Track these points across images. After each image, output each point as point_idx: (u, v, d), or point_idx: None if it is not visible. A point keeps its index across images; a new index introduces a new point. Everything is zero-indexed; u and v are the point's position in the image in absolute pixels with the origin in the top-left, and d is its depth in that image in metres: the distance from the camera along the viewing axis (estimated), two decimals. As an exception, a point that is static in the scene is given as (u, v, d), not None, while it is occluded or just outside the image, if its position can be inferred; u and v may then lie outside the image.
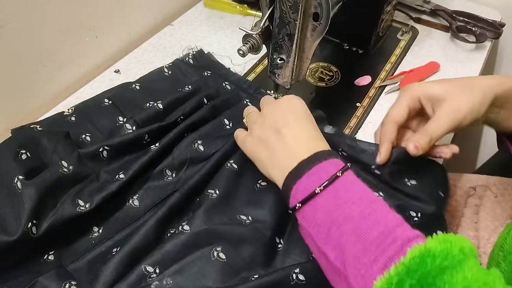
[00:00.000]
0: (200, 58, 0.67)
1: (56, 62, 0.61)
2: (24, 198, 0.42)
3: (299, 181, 0.40)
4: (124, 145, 0.51)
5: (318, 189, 0.39)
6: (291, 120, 0.45)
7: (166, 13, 0.78)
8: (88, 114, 0.56)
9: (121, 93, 0.59)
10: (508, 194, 0.60)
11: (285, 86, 0.55)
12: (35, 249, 0.44)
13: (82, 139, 0.53)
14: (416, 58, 0.71)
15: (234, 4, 0.80)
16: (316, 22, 0.47)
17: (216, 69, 0.66)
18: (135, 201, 0.49)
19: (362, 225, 0.36)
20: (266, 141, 0.45)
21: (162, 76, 0.63)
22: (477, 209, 0.60)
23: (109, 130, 0.54)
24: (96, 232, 0.46)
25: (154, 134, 0.53)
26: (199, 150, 0.52)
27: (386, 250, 0.33)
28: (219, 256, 0.43)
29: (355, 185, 0.40)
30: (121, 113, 0.56)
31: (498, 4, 0.81)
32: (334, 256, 0.37)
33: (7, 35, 0.52)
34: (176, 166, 0.51)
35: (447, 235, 0.34)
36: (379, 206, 0.38)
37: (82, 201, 0.45)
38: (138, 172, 0.49)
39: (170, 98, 0.57)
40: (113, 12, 0.66)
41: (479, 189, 0.62)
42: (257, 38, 0.50)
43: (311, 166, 0.40)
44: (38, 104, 0.60)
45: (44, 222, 0.43)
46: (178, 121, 0.55)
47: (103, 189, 0.46)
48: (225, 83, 0.63)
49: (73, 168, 0.47)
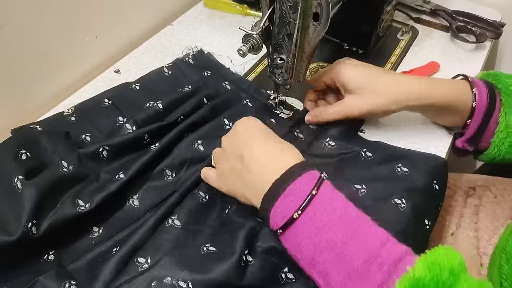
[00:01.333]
0: (200, 58, 0.67)
1: (56, 62, 0.61)
2: (24, 198, 0.42)
3: (275, 205, 0.39)
4: (124, 145, 0.51)
5: (296, 213, 0.38)
6: (250, 142, 0.44)
7: (166, 13, 0.78)
8: (88, 114, 0.56)
9: (121, 93, 0.59)
10: (507, 194, 0.60)
11: (285, 86, 0.55)
12: (35, 249, 0.44)
13: (82, 139, 0.53)
14: (416, 58, 0.71)
15: (234, 4, 0.80)
16: (316, 22, 0.47)
17: (216, 69, 0.66)
18: (135, 201, 0.49)
19: (345, 251, 0.35)
20: (233, 171, 0.44)
21: (162, 76, 0.63)
22: (476, 209, 0.60)
23: (109, 130, 0.54)
24: (96, 232, 0.46)
25: (154, 134, 0.53)
26: (199, 150, 0.52)
27: (374, 278, 0.33)
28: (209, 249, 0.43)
29: (333, 201, 0.39)
30: (121, 113, 0.56)
31: (498, 4, 0.81)
32: (322, 282, 0.37)
33: (7, 35, 0.52)
34: (176, 166, 0.51)
35: (435, 256, 0.33)
36: (361, 223, 0.37)
37: (82, 201, 0.45)
38: (138, 172, 0.49)
39: (170, 98, 0.57)
40: (113, 12, 0.66)
41: (479, 189, 0.62)
42: (257, 38, 0.50)
43: (285, 186, 0.39)
44: (38, 104, 0.60)
45: (44, 222, 0.43)
46: (178, 121, 0.55)
47: (103, 189, 0.46)
48: (225, 83, 0.63)
49: (73, 168, 0.47)
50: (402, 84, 0.52)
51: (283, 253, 0.42)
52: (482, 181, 0.63)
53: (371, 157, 0.53)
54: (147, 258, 0.42)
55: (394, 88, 0.51)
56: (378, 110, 0.52)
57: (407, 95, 0.51)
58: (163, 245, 0.44)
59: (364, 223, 0.37)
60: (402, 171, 0.50)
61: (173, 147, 0.52)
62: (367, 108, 0.52)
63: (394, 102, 0.51)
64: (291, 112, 0.60)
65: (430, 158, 0.52)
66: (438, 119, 0.58)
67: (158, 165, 0.51)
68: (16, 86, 0.57)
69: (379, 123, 0.60)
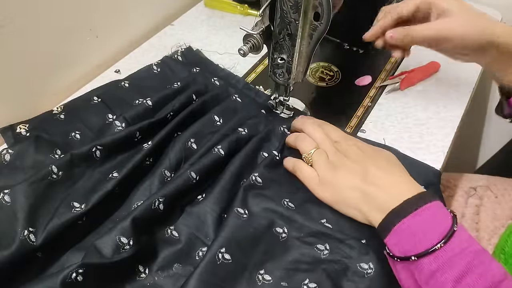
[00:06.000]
0: (188, 55, 0.68)
1: (56, 61, 0.61)
2: (15, 209, 0.42)
3: (403, 220, 0.39)
4: (117, 144, 0.51)
5: (439, 245, 0.37)
6: (378, 159, 0.45)
7: (166, 13, 0.78)
8: (77, 112, 0.56)
9: (110, 90, 0.59)
10: (508, 195, 0.60)
11: (286, 86, 0.55)
12: (41, 262, 0.43)
13: (72, 137, 0.53)
14: (416, 58, 0.71)
15: (234, 4, 0.80)
16: (317, 22, 0.47)
17: (205, 66, 0.66)
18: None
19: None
20: (352, 182, 0.44)
21: (151, 73, 0.64)
22: (477, 209, 0.60)
23: (98, 128, 0.54)
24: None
25: (145, 131, 0.53)
26: (193, 148, 0.53)
27: None
28: (224, 257, 0.42)
29: (462, 232, 0.38)
30: (111, 111, 0.56)
31: (498, 4, 0.81)
32: None
33: (7, 35, 0.52)
34: (173, 167, 0.51)
35: None
36: (485, 257, 0.37)
37: (77, 203, 0.44)
38: (132, 171, 0.49)
39: (159, 95, 0.57)
40: (113, 12, 0.66)
41: (480, 189, 0.62)
42: (257, 38, 0.50)
43: (417, 207, 0.39)
44: (38, 104, 0.60)
45: (42, 230, 0.42)
46: (168, 117, 0.55)
47: (99, 189, 0.46)
48: (213, 79, 0.63)
49: (63, 173, 0.47)
50: (497, 24, 0.48)
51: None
52: (483, 181, 0.63)
53: None
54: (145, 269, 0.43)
55: (487, 21, 0.48)
56: (470, 36, 0.48)
57: (496, 29, 0.48)
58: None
59: (487, 257, 0.37)
60: None
61: (165, 145, 0.52)
62: (461, 32, 0.47)
63: (490, 33, 0.47)
64: (291, 112, 0.60)
65: (425, 167, 0.53)
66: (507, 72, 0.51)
67: (153, 164, 0.51)
68: (16, 85, 0.57)
69: (379, 123, 0.60)
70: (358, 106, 0.63)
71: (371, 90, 0.65)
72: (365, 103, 0.63)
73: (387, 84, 0.66)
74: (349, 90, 0.66)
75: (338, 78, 0.68)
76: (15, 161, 0.49)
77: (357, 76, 0.67)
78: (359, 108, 0.62)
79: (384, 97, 0.65)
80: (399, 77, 0.66)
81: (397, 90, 0.65)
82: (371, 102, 0.63)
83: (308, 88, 0.66)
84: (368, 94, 0.65)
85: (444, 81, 0.67)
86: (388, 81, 0.67)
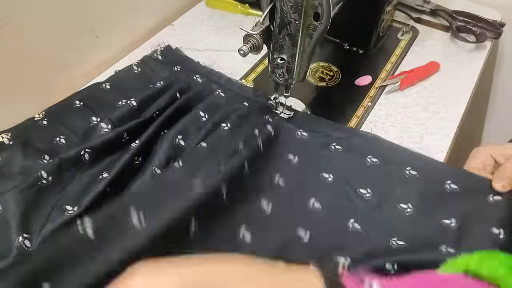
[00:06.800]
0: (168, 53, 0.68)
1: (56, 62, 0.61)
2: (7, 217, 0.42)
3: None
4: (105, 146, 0.51)
5: None
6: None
7: (166, 13, 0.78)
8: (60, 117, 0.56)
9: (92, 93, 0.60)
10: (508, 194, 0.60)
11: (286, 86, 0.55)
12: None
13: (56, 142, 0.53)
14: (416, 58, 0.71)
15: (236, 4, 0.80)
16: (317, 22, 0.47)
17: (185, 64, 0.66)
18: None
19: None
20: None
21: (132, 74, 0.64)
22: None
23: (83, 131, 0.54)
24: None
25: (132, 131, 0.53)
26: (181, 145, 0.53)
27: None
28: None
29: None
30: (94, 113, 0.56)
31: (498, 4, 0.81)
32: None
33: (7, 35, 0.52)
34: (163, 164, 0.51)
35: None
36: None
37: (69, 206, 0.44)
38: (122, 171, 0.49)
39: (143, 95, 0.57)
40: (113, 12, 0.66)
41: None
42: (257, 38, 0.50)
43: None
44: (38, 104, 0.59)
45: (36, 235, 0.42)
46: (154, 116, 0.55)
47: (90, 191, 0.46)
48: (195, 76, 0.63)
49: (52, 178, 0.46)
50: None
51: None
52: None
53: (377, 162, 0.52)
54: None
55: None
56: None
57: None
58: None
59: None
60: (411, 174, 0.50)
61: (153, 143, 0.52)
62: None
63: None
64: (291, 112, 0.60)
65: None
66: None
67: (143, 163, 0.51)
68: (15, 85, 0.57)
69: (379, 123, 0.60)
70: (358, 106, 0.63)
71: (371, 90, 0.65)
72: (365, 103, 0.63)
73: (387, 84, 0.66)
74: (349, 90, 0.66)
75: (338, 78, 0.68)
76: (2, 168, 0.49)
77: (357, 76, 0.67)
78: (359, 108, 0.63)
79: (384, 97, 0.65)
80: (399, 77, 0.66)
81: (397, 90, 0.65)
82: (371, 102, 0.64)
83: (308, 88, 0.66)
84: (368, 94, 0.65)
85: (444, 81, 0.67)
86: (388, 81, 0.67)
